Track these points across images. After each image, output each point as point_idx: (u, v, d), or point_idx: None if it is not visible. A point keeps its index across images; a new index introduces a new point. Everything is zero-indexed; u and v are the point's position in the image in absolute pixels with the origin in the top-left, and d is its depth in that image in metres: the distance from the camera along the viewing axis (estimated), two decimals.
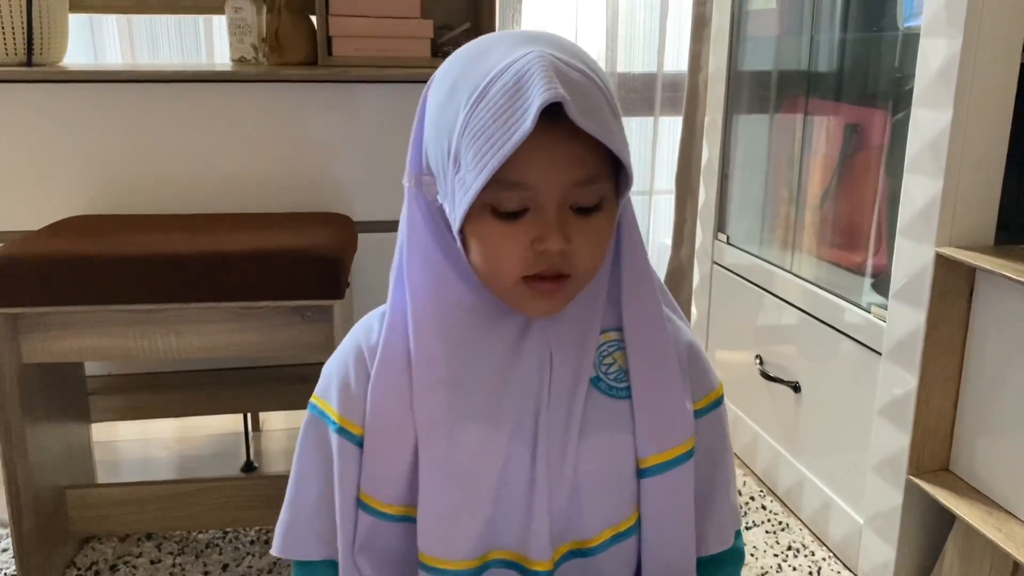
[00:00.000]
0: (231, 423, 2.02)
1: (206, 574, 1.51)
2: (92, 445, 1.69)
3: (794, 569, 1.55)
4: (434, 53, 1.83)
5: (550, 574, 0.71)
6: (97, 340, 1.35)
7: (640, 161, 2.57)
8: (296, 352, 1.39)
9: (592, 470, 0.72)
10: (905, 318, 1.35)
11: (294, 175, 1.77)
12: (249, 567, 1.53)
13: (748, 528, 1.68)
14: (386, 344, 0.73)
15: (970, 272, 1.28)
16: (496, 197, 0.63)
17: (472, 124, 0.62)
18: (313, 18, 1.78)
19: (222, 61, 2.19)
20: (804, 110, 1.79)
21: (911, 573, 1.43)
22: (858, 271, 1.61)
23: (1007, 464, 1.25)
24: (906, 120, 1.35)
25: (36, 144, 1.67)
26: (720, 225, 2.06)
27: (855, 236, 1.64)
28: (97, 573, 1.51)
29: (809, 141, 1.77)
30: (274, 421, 2.11)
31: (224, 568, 1.53)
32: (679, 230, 2.47)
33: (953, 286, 1.29)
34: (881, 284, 1.51)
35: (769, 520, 1.71)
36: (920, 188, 1.31)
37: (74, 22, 1.79)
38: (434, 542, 0.71)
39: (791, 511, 1.74)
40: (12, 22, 1.61)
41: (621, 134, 0.65)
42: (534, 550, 0.71)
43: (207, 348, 1.37)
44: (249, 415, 1.96)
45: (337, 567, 0.75)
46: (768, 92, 1.93)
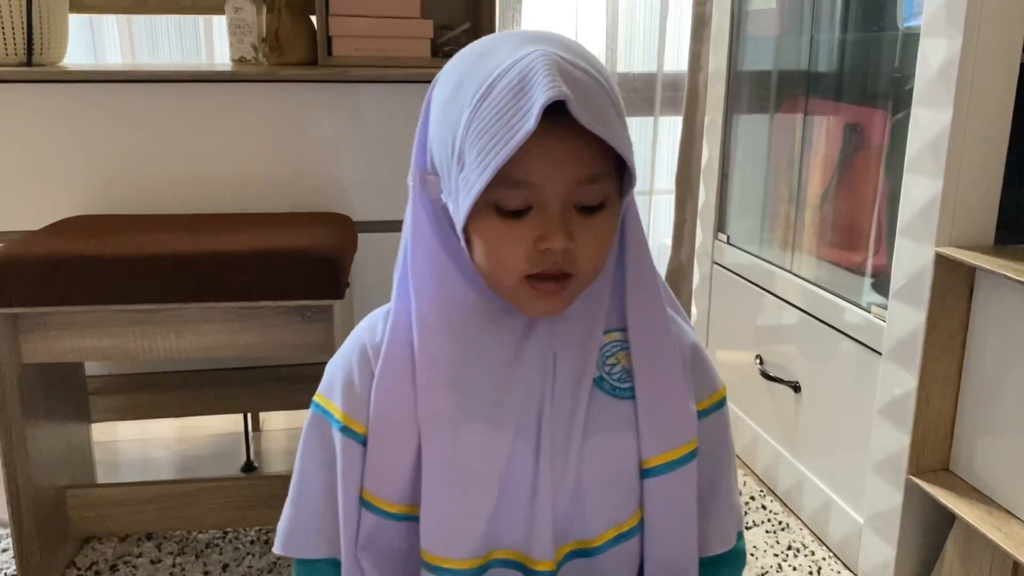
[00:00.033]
0: (231, 423, 2.02)
1: (206, 574, 1.51)
2: (92, 445, 1.69)
3: (794, 569, 1.55)
4: (434, 53, 1.83)
5: (553, 574, 0.71)
6: (97, 340, 1.35)
7: (640, 161, 2.56)
8: (296, 352, 1.39)
9: (595, 470, 0.72)
10: (905, 318, 1.35)
11: (294, 175, 1.76)
12: (249, 567, 1.53)
13: (748, 528, 1.68)
14: (390, 343, 0.72)
15: (970, 272, 1.28)
16: (499, 195, 0.63)
17: (476, 122, 0.62)
18: (313, 18, 1.78)
19: (222, 61, 2.19)
20: (804, 110, 1.79)
21: (911, 573, 1.43)
22: (858, 271, 1.61)
23: (1007, 464, 1.25)
24: (906, 120, 1.35)
25: (36, 144, 1.67)
26: (720, 225, 2.06)
27: (855, 236, 1.64)
28: (97, 573, 1.51)
29: (809, 141, 1.77)
30: (274, 421, 2.11)
31: (224, 568, 1.52)
32: (679, 230, 2.47)
33: (953, 286, 1.29)
34: (881, 284, 1.51)
35: (769, 520, 1.71)
36: (920, 188, 1.31)
37: (74, 22, 1.79)
38: (437, 541, 0.71)
39: (791, 511, 1.74)
40: (12, 22, 1.61)
41: (625, 133, 0.65)
42: (537, 550, 0.71)
43: (207, 348, 1.37)
44: (249, 415, 1.96)
45: (339, 566, 0.75)
46: (768, 92, 1.93)
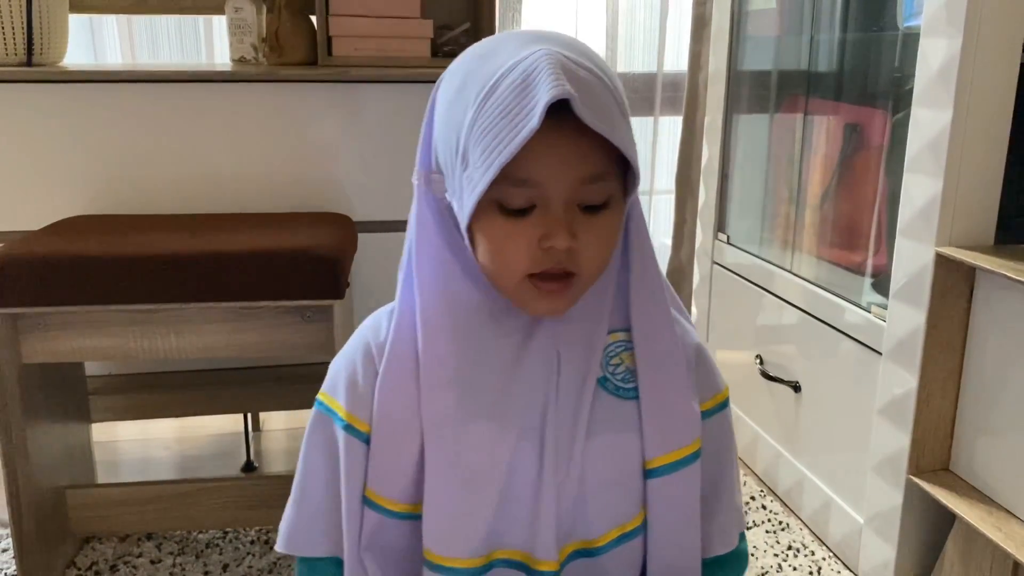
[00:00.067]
0: (231, 423, 2.02)
1: (206, 574, 1.51)
2: (92, 445, 1.69)
3: (794, 569, 1.55)
4: (434, 53, 1.83)
5: (556, 574, 0.71)
6: (97, 340, 1.35)
7: (640, 161, 2.56)
8: (296, 352, 1.39)
9: (599, 470, 0.72)
10: (905, 318, 1.35)
11: (294, 175, 1.76)
12: (249, 567, 1.53)
13: (748, 528, 1.68)
14: (394, 342, 0.73)
15: (970, 272, 1.28)
16: (503, 194, 0.63)
17: (480, 121, 0.62)
18: (313, 18, 1.78)
19: (222, 61, 2.19)
20: (804, 110, 1.79)
21: (911, 573, 1.43)
22: (858, 271, 1.61)
23: (1007, 464, 1.25)
24: (906, 120, 1.35)
25: (36, 144, 1.67)
26: (720, 225, 2.06)
27: (855, 236, 1.64)
28: (97, 573, 1.51)
29: (809, 141, 1.77)
30: (274, 421, 2.11)
31: (224, 568, 1.52)
32: (679, 230, 2.47)
33: (953, 286, 1.29)
34: (881, 284, 1.51)
35: (769, 520, 1.71)
36: (920, 188, 1.31)
37: (74, 22, 1.79)
38: (439, 540, 0.71)
39: (791, 511, 1.74)
40: (12, 22, 1.61)
41: (629, 133, 0.65)
42: (540, 550, 0.71)
43: (207, 348, 1.37)
44: (249, 415, 1.96)
45: (342, 564, 0.75)
46: (768, 92, 1.93)
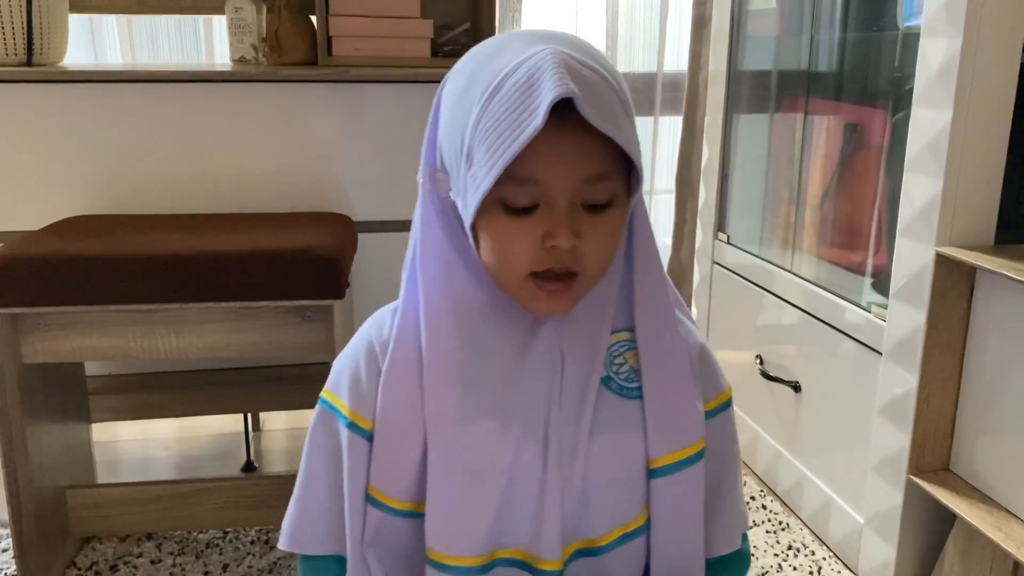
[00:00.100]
0: (231, 423, 2.02)
1: (206, 574, 1.51)
2: (92, 445, 1.69)
3: (794, 569, 1.55)
4: (434, 53, 1.83)
5: (559, 574, 0.71)
6: (97, 340, 1.35)
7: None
8: (296, 352, 1.39)
9: (602, 470, 0.72)
10: (905, 318, 1.35)
11: (294, 175, 1.76)
12: (250, 567, 1.53)
13: (749, 528, 1.68)
14: (397, 340, 0.73)
15: (970, 272, 1.28)
16: (507, 193, 0.64)
17: (485, 120, 0.62)
18: (313, 18, 1.78)
19: (222, 61, 2.19)
20: (804, 110, 1.78)
21: (911, 573, 1.43)
22: (858, 271, 1.61)
23: (1007, 463, 1.25)
24: (906, 120, 1.35)
25: (36, 144, 1.67)
26: (720, 225, 2.06)
27: (855, 236, 1.64)
28: (97, 573, 1.51)
29: (809, 141, 1.77)
30: (274, 421, 2.11)
31: (224, 568, 1.52)
32: (679, 230, 2.47)
33: (953, 286, 1.29)
34: (881, 284, 1.51)
35: (769, 520, 1.71)
36: (920, 188, 1.31)
37: (74, 22, 1.79)
38: (442, 538, 0.71)
39: (791, 511, 1.74)
40: (12, 22, 1.61)
41: (633, 133, 0.65)
42: (544, 549, 0.71)
43: (207, 348, 1.37)
44: (249, 415, 1.96)
45: (344, 563, 0.75)
46: (768, 92, 1.93)
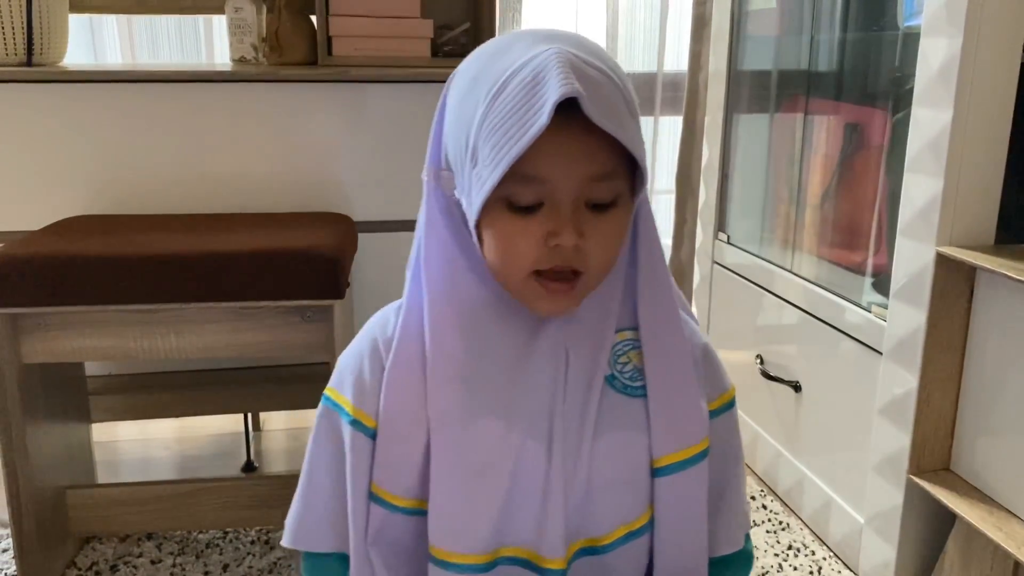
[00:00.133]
0: (231, 423, 2.02)
1: (206, 574, 1.51)
2: (92, 445, 1.69)
3: (795, 569, 1.55)
4: (434, 53, 1.83)
5: (563, 572, 0.71)
6: (97, 340, 1.35)
7: None
8: (296, 352, 1.39)
9: (606, 468, 0.72)
10: (905, 317, 1.35)
11: (294, 175, 1.76)
12: (250, 567, 1.53)
13: (751, 528, 1.68)
14: (401, 337, 0.73)
15: (970, 272, 1.28)
16: (512, 191, 0.64)
17: (490, 119, 0.62)
18: (313, 18, 1.78)
19: (222, 61, 2.19)
20: (804, 110, 1.78)
21: (911, 573, 1.43)
22: (858, 271, 1.61)
23: (1008, 463, 1.25)
24: (906, 120, 1.35)
25: (36, 144, 1.67)
26: (720, 225, 2.06)
27: (855, 235, 1.64)
28: (97, 573, 1.51)
29: (809, 141, 1.77)
30: (274, 421, 2.11)
31: (224, 568, 1.52)
32: (679, 230, 2.47)
33: (953, 286, 1.29)
34: (881, 283, 1.51)
35: (769, 520, 1.71)
36: (920, 188, 1.31)
37: (74, 22, 1.79)
38: (445, 535, 0.71)
39: (791, 511, 1.74)
40: (12, 22, 1.61)
41: (637, 132, 0.65)
42: (548, 548, 0.71)
43: (207, 348, 1.37)
44: (249, 415, 1.96)
45: (347, 560, 0.75)
46: (768, 92, 1.93)
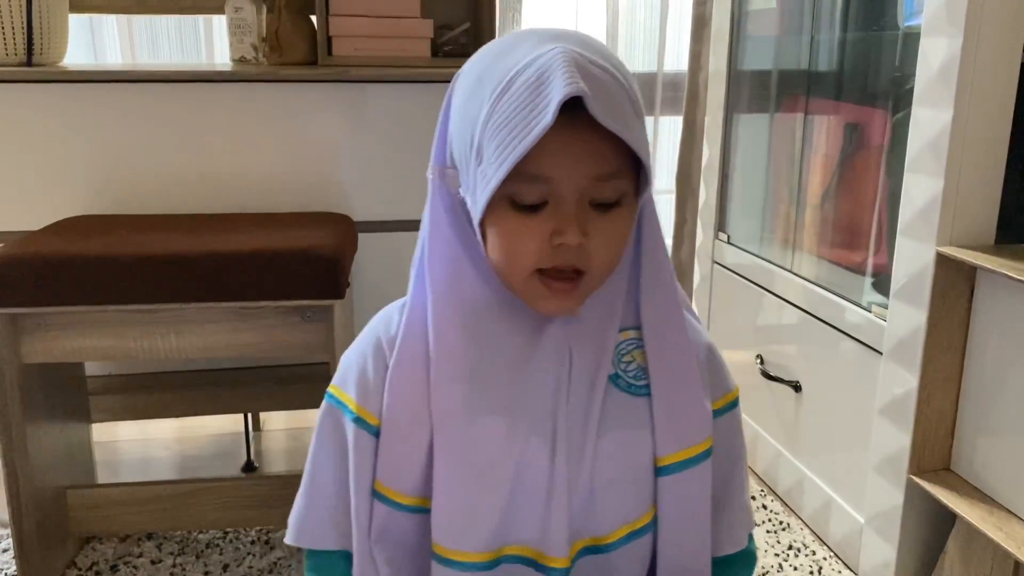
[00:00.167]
0: (231, 423, 2.02)
1: (206, 574, 1.51)
2: (92, 445, 1.69)
3: (795, 568, 1.55)
4: (434, 53, 1.83)
5: (567, 571, 0.71)
6: (97, 340, 1.35)
7: None
8: (296, 352, 1.39)
9: (610, 467, 0.72)
10: (906, 317, 1.35)
11: (294, 175, 1.76)
12: (250, 567, 1.53)
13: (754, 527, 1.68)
14: (405, 336, 0.73)
15: (971, 271, 1.28)
16: (516, 190, 0.64)
17: (495, 117, 0.62)
18: (313, 18, 1.78)
19: (222, 61, 2.19)
20: (804, 110, 1.78)
21: (912, 572, 1.43)
22: (859, 270, 1.61)
23: (1008, 463, 1.25)
24: (906, 119, 1.35)
25: (36, 144, 1.67)
26: (720, 225, 2.06)
27: (856, 235, 1.64)
28: (97, 573, 1.51)
29: (809, 140, 1.77)
30: (274, 421, 2.11)
31: (224, 568, 1.52)
32: (679, 230, 2.47)
33: (954, 285, 1.29)
34: (882, 283, 1.51)
35: (770, 519, 1.71)
36: (920, 187, 1.31)
37: (74, 22, 1.79)
38: (448, 534, 0.71)
39: (792, 510, 1.74)
40: (12, 22, 1.61)
41: (642, 132, 0.65)
42: (551, 546, 0.71)
43: (207, 348, 1.37)
44: (249, 415, 1.96)
45: (350, 558, 0.75)
46: (768, 92, 1.93)
